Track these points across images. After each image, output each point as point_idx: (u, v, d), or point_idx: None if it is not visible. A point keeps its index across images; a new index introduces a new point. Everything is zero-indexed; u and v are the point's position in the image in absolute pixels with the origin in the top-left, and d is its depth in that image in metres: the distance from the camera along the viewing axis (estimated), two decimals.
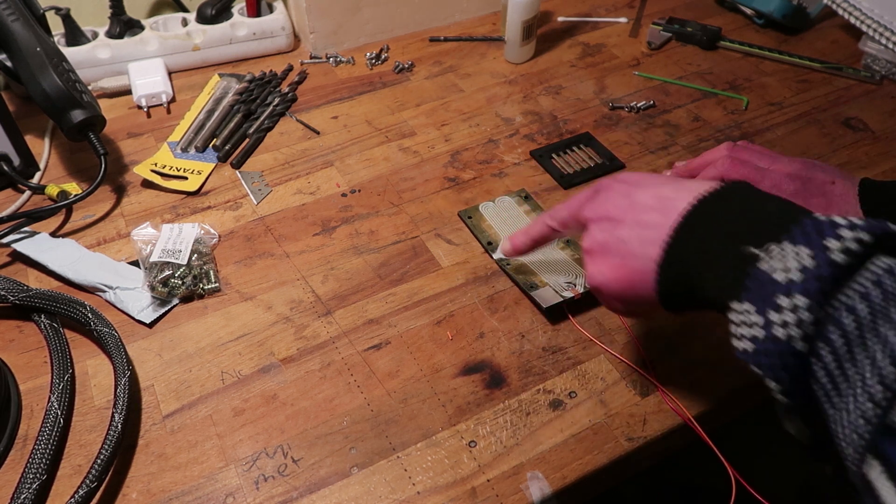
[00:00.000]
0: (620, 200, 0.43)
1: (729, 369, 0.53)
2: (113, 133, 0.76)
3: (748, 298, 0.33)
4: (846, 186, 0.58)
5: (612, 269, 0.42)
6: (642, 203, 0.42)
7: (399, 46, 0.90)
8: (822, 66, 0.84)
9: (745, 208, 0.37)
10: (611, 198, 0.44)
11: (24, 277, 0.60)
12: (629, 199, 0.43)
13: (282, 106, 0.79)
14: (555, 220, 0.50)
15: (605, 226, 0.43)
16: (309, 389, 0.52)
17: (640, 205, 0.42)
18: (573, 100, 0.81)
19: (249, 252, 0.63)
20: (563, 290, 0.56)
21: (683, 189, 0.40)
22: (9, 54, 0.65)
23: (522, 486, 0.46)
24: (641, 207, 0.41)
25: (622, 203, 0.43)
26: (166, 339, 0.56)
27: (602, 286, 0.44)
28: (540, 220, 0.52)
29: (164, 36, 0.83)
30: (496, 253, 0.61)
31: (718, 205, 0.38)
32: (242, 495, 0.46)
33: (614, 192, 0.44)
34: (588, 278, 0.45)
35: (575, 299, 0.56)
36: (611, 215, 0.43)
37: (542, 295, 0.56)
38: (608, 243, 0.43)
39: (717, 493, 0.47)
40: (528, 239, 0.53)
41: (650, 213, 0.41)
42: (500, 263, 0.60)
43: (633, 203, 0.42)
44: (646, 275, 0.40)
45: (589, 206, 0.46)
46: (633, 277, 0.41)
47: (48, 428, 0.47)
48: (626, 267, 0.41)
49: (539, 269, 0.59)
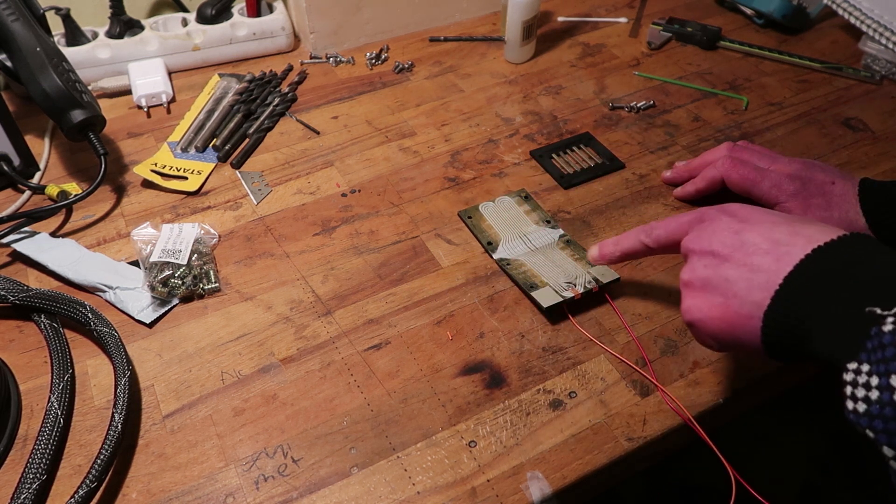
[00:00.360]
0: (728, 237, 0.42)
1: (729, 369, 0.53)
2: (113, 133, 0.76)
3: (868, 360, 0.32)
4: (846, 186, 0.58)
5: (711, 308, 0.41)
6: (753, 244, 0.40)
7: (399, 46, 0.90)
8: (822, 66, 0.84)
9: (867, 264, 0.35)
10: (717, 232, 0.42)
11: (24, 277, 0.60)
12: (739, 237, 0.41)
13: (282, 106, 0.79)
14: (650, 239, 0.49)
15: (710, 261, 0.42)
16: (309, 389, 0.52)
17: (750, 245, 0.40)
18: (573, 100, 0.81)
19: (249, 252, 0.63)
20: (563, 290, 0.56)
21: (799, 235, 0.39)
22: (9, 54, 0.65)
23: (522, 486, 0.46)
24: (752, 248, 0.40)
25: (730, 240, 0.41)
26: (166, 339, 0.56)
27: (698, 323, 0.43)
28: (634, 234, 0.50)
29: (164, 36, 0.83)
30: (496, 253, 0.61)
31: (837, 257, 0.37)
32: (242, 495, 0.46)
33: (722, 226, 0.43)
34: (684, 312, 0.44)
35: (575, 299, 0.56)
36: (717, 251, 0.42)
37: (542, 295, 0.56)
38: (711, 280, 0.41)
39: (717, 493, 0.47)
40: (617, 250, 0.52)
41: (761, 257, 0.39)
42: (500, 263, 0.60)
43: (742, 242, 0.41)
44: (750, 320, 0.39)
45: (693, 235, 0.44)
46: (734, 321, 0.40)
47: (48, 428, 0.47)
48: (729, 308, 0.40)
49: (539, 269, 0.59)
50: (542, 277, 0.58)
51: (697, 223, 0.45)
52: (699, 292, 0.42)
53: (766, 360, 0.41)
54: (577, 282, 0.57)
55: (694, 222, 0.46)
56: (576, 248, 0.61)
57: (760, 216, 0.42)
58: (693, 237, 0.44)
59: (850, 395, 0.32)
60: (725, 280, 0.41)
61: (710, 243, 0.42)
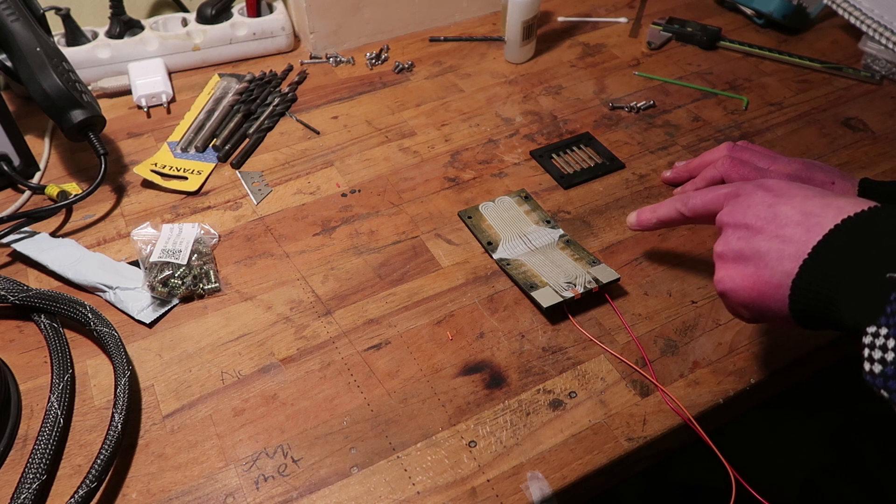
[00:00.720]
0: (763, 210, 0.43)
1: (729, 369, 0.53)
2: (113, 133, 0.76)
3: (886, 323, 0.33)
4: (846, 187, 0.58)
5: (743, 278, 0.42)
6: (785, 216, 0.41)
7: (399, 46, 0.90)
8: (822, 66, 0.84)
9: (894, 234, 0.36)
10: (752, 205, 0.44)
11: (24, 277, 0.60)
12: (772, 210, 0.42)
13: (282, 106, 0.79)
14: (686, 208, 0.50)
15: (743, 233, 0.43)
16: (309, 389, 0.52)
17: (782, 217, 0.41)
18: (573, 100, 0.81)
19: (249, 252, 0.63)
20: (563, 290, 0.56)
21: (830, 206, 0.40)
22: (9, 54, 0.65)
23: (522, 486, 0.46)
24: (784, 221, 0.41)
25: (764, 213, 0.42)
26: (166, 339, 0.56)
27: (730, 293, 0.44)
28: (671, 203, 0.52)
29: (164, 36, 0.83)
30: (496, 253, 0.61)
31: (865, 227, 0.38)
32: (242, 495, 0.46)
33: (757, 199, 0.44)
34: (717, 283, 0.45)
35: (575, 299, 0.56)
36: (750, 224, 0.43)
37: (542, 295, 0.56)
38: (744, 252, 0.42)
39: (717, 493, 0.47)
40: (654, 217, 0.54)
41: (793, 228, 0.40)
42: (500, 263, 0.60)
43: (775, 215, 0.42)
44: (779, 289, 0.40)
45: (728, 209, 0.45)
46: (764, 290, 0.41)
47: (48, 428, 0.47)
48: (760, 278, 0.41)
49: (539, 269, 0.59)
50: (542, 277, 0.58)
51: (734, 197, 0.46)
52: (731, 263, 0.43)
53: (795, 328, 0.42)
54: (577, 282, 0.57)
55: (730, 196, 0.46)
56: (576, 248, 0.61)
57: (796, 190, 0.43)
58: (728, 211, 0.45)
59: (867, 357, 0.33)
60: (757, 251, 0.42)
61: (745, 216, 0.43)
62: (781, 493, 0.82)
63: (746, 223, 0.43)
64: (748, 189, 0.45)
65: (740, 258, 0.43)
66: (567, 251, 0.60)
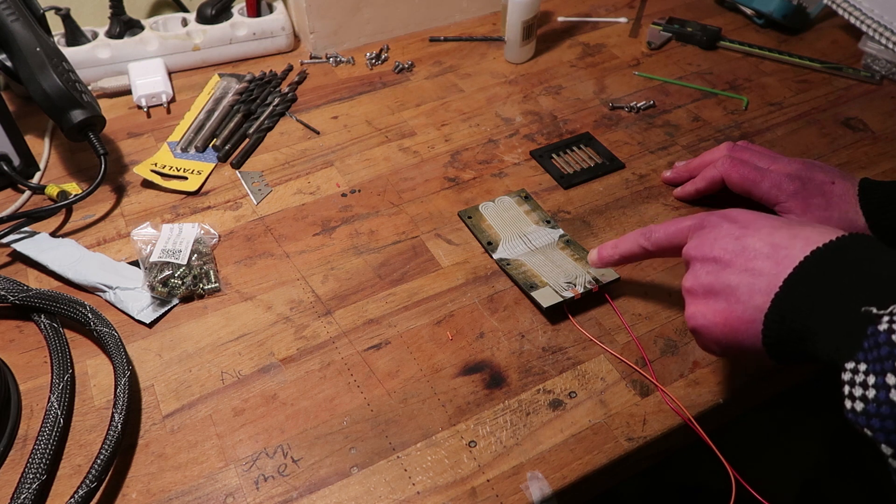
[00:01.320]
0: (730, 243, 0.42)
1: (729, 369, 0.53)
2: (113, 133, 0.76)
3: (864, 359, 0.32)
4: (846, 187, 0.58)
5: (715, 314, 0.41)
6: (754, 249, 0.40)
7: (399, 46, 0.90)
8: (822, 66, 0.84)
9: (865, 263, 0.36)
10: (719, 238, 0.43)
11: (24, 277, 0.60)
12: (740, 242, 0.41)
13: (282, 106, 0.79)
14: (649, 242, 0.49)
15: (712, 267, 0.42)
16: (309, 389, 0.52)
17: (751, 250, 0.40)
18: (573, 100, 0.81)
19: (249, 252, 0.63)
20: (563, 290, 0.56)
21: (799, 237, 0.39)
22: (9, 54, 0.65)
23: (522, 486, 0.46)
24: (753, 253, 0.40)
25: (731, 246, 0.42)
26: (166, 339, 0.56)
27: (702, 329, 0.43)
28: (632, 237, 0.50)
29: (164, 36, 0.83)
30: (496, 253, 0.61)
31: (836, 257, 0.37)
32: (242, 495, 0.46)
33: (723, 232, 0.43)
34: (688, 318, 0.44)
35: (575, 299, 0.56)
36: (718, 257, 0.42)
37: (542, 295, 0.56)
38: (714, 286, 0.42)
39: (717, 493, 0.47)
40: (616, 254, 0.52)
41: (762, 261, 0.40)
42: (500, 263, 0.60)
43: (743, 248, 0.41)
44: (751, 324, 0.39)
45: (694, 242, 0.44)
46: (737, 325, 0.40)
47: (48, 428, 0.47)
48: (731, 314, 0.40)
49: (539, 269, 0.59)
50: (542, 277, 0.58)
51: (698, 229, 0.45)
52: (702, 299, 0.43)
53: (769, 363, 0.41)
54: (577, 282, 0.57)
55: (695, 228, 0.45)
56: (576, 247, 0.61)
57: (761, 221, 0.42)
58: (695, 244, 0.44)
59: (848, 395, 0.33)
60: (728, 286, 0.41)
61: (712, 250, 0.42)
62: (781, 493, 0.82)
63: (714, 256, 0.42)
64: (713, 221, 0.44)
65: (710, 293, 0.42)
66: (567, 251, 0.60)
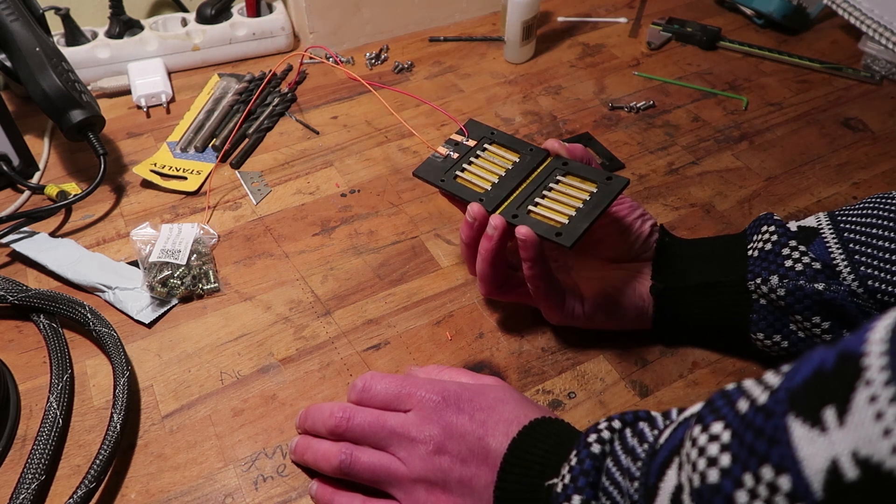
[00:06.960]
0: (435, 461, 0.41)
1: (728, 369, 0.53)
2: (112, 133, 0.76)
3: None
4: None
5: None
6: (462, 456, 0.41)
7: (399, 46, 0.90)
8: (822, 67, 0.84)
9: (534, 449, 0.40)
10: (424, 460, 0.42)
11: (23, 277, 0.60)
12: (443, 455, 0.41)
13: (281, 106, 0.79)
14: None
15: (426, 487, 0.42)
16: (308, 390, 0.52)
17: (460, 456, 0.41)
18: (573, 100, 0.81)
19: (249, 252, 0.63)
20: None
21: (499, 433, 0.41)
22: (8, 54, 0.65)
23: None
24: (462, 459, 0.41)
25: (439, 464, 0.41)
26: (165, 339, 0.56)
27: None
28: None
29: (164, 36, 0.83)
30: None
31: (527, 442, 0.40)
32: (241, 496, 0.46)
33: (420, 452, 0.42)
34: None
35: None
36: (431, 479, 0.41)
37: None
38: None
39: None
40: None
41: (474, 467, 0.41)
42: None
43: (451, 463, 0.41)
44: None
45: (398, 462, 0.42)
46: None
47: (47, 428, 0.47)
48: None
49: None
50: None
51: (396, 446, 0.43)
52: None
53: None
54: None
55: (392, 449, 0.43)
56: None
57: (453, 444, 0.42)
58: (399, 464, 0.43)
59: None
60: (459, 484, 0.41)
61: (422, 472, 0.42)
62: None
63: (426, 479, 0.41)
64: (405, 444, 0.42)
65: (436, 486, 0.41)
66: None
